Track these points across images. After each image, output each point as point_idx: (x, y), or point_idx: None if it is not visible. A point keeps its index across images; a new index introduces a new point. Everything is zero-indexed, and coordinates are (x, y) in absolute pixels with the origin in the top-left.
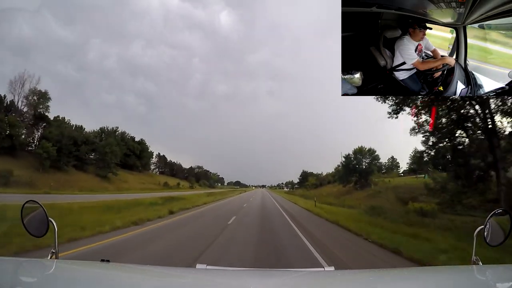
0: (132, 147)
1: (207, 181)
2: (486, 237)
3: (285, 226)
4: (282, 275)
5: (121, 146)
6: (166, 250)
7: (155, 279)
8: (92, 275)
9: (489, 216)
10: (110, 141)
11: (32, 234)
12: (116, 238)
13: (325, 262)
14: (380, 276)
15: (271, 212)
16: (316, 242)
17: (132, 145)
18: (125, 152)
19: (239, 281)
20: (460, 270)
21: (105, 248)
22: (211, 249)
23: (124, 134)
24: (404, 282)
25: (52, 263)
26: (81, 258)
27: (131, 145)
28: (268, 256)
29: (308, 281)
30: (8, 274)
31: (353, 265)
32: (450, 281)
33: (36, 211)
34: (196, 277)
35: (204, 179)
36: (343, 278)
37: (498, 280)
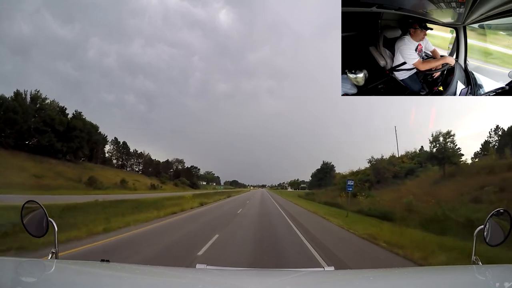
0: (50, 118)
1: (189, 180)
2: (486, 237)
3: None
4: (282, 275)
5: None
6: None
7: (155, 279)
8: (92, 275)
9: (489, 216)
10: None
11: (32, 234)
12: None
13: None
14: (380, 276)
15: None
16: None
17: (52, 116)
18: (37, 126)
19: (239, 281)
20: (460, 270)
21: None
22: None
23: (45, 100)
24: (404, 282)
25: (52, 263)
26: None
27: (49, 116)
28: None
29: (308, 281)
30: (8, 274)
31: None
32: (450, 281)
33: (36, 211)
34: (196, 277)
35: (186, 176)
36: (343, 278)
37: (498, 280)
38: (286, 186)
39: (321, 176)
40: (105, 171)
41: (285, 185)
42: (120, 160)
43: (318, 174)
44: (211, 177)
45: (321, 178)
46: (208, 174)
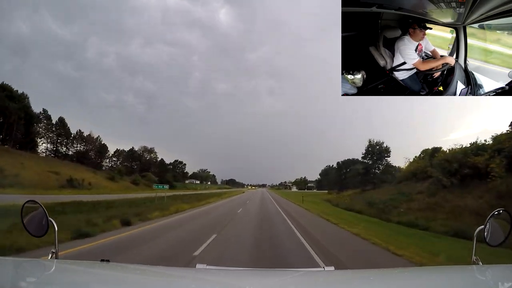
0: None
1: (160, 176)
2: (486, 237)
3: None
4: (282, 275)
5: None
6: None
7: (155, 279)
8: (92, 275)
9: (489, 216)
10: None
11: (32, 234)
12: None
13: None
14: (380, 276)
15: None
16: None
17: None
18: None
19: (239, 281)
20: (460, 270)
21: None
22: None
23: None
24: (404, 282)
25: (52, 263)
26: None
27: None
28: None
29: (308, 281)
30: (8, 274)
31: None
32: (450, 281)
33: (36, 211)
34: (196, 277)
35: (159, 172)
36: (343, 278)
37: (498, 280)
38: (289, 186)
39: (341, 173)
40: (15, 158)
41: (288, 184)
42: (58, 144)
43: (335, 172)
44: (205, 175)
45: (343, 175)
46: (203, 172)
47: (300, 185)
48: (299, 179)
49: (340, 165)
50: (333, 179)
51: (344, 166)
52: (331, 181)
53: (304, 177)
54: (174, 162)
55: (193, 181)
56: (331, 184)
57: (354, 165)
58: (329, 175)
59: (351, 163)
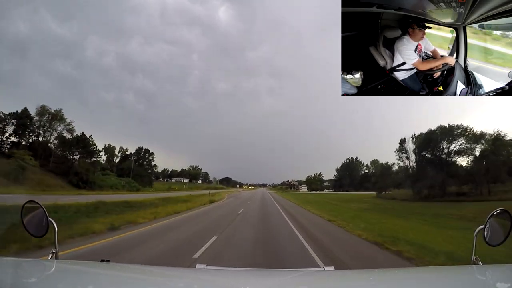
0: None
1: (132, 177)
2: (486, 236)
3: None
4: (282, 275)
5: None
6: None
7: (155, 279)
8: (92, 275)
9: (489, 216)
10: None
11: (32, 234)
12: None
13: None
14: (380, 276)
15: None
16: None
17: None
18: None
19: (239, 281)
20: (460, 270)
21: None
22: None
23: None
24: (404, 282)
25: (52, 263)
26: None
27: None
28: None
29: (308, 281)
30: (8, 274)
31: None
32: (450, 281)
33: (36, 211)
34: (196, 277)
35: (134, 167)
36: (343, 278)
37: (498, 280)
38: (297, 186)
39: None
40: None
41: (294, 183)
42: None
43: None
44: (195, 172)
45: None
46: (193, 169)
47: (314, 185)
48: (312, 176)
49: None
50: (338, 180)
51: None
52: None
53: (319, 174)
54: (138, 150)
55: (181, 179)
56: (337, 185)
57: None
58: (353, 171)
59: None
